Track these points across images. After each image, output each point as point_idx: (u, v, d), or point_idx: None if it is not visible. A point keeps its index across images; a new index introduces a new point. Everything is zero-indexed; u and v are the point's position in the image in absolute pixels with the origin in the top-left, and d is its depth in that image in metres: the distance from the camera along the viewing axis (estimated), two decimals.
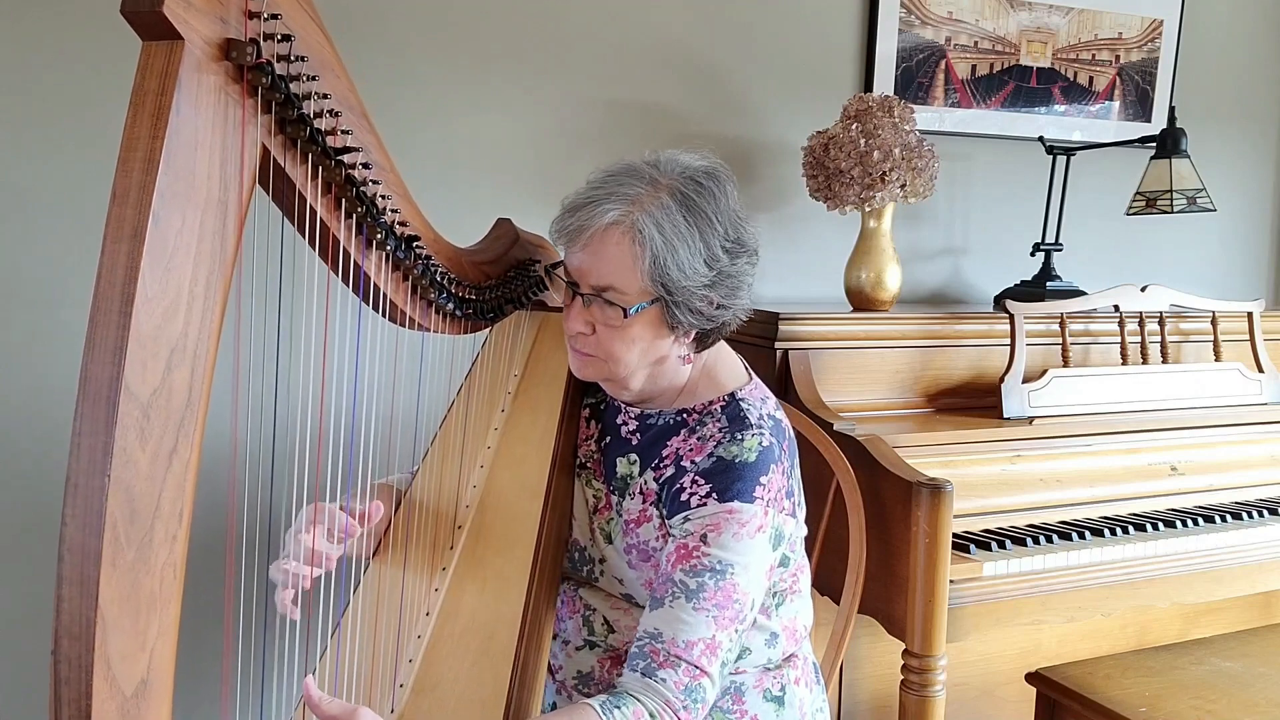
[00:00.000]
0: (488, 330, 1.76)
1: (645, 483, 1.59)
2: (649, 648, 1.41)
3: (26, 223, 2.21)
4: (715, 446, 1.52)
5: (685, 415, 1.61)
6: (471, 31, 2.52)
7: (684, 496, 1.50)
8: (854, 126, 2.49)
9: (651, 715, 1.36)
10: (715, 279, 1.50)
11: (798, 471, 1.63)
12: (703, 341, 1.59)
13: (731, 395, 1.60)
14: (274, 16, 1.00)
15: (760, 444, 1.52)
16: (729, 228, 1.51)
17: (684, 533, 1.48)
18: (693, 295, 1.48)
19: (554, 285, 1.73)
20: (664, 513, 1.55)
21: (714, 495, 1.48)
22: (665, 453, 1.58)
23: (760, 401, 1.60)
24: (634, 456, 1.62)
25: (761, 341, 2.40)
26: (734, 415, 1.56)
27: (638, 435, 1.64)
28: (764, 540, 1.49)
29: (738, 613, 1.44)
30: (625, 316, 1.48)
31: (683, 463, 1.55)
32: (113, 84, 2.21)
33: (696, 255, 1.47)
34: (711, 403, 1.59)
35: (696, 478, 1.51)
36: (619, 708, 1.34)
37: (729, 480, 1.49)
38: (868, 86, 2.94)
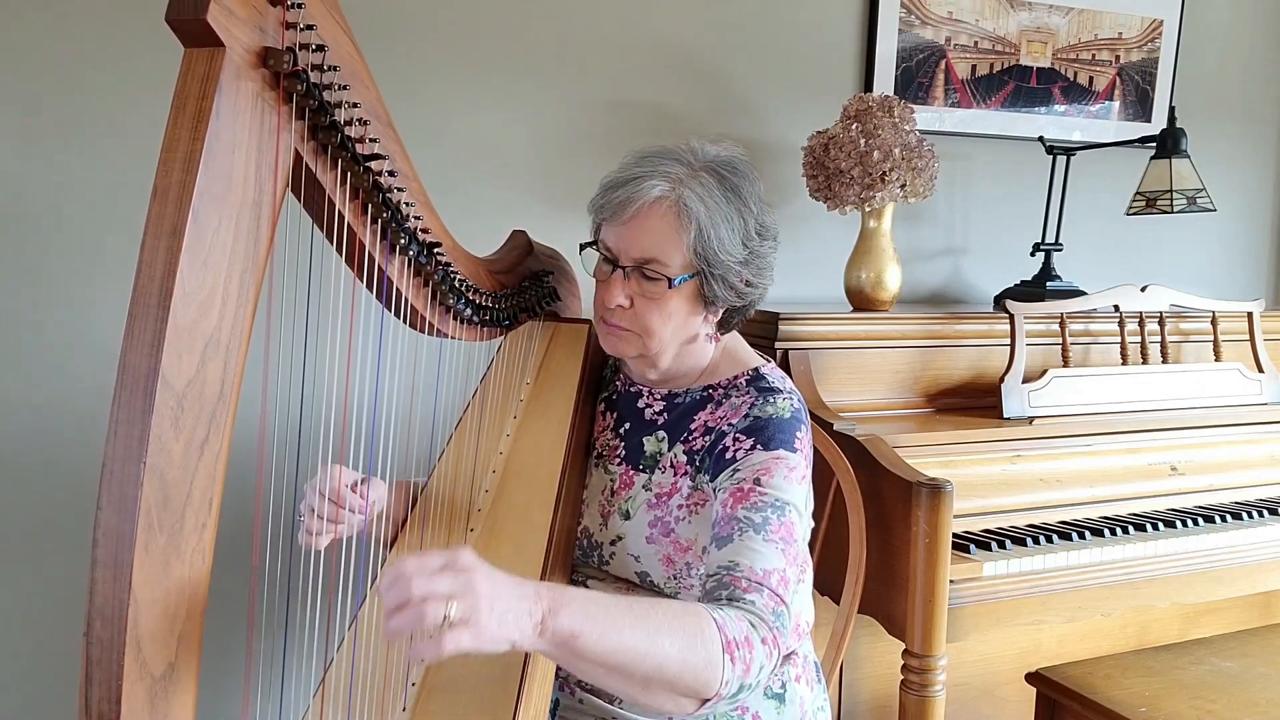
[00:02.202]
0: (502, 337, 1.79)
1: (675, 455, 1.64)
2: (728, 577, 1.39)
3: (39, 225, 2.22)
4: (750, 409, 1.59)
5: (711, 390, 1.68)
6: (472, 33, 2.53)
7: (729, 455, 1.55)
8: (854, 126, 2.50)
9: (752, 625, 1.31)
10: (748, 257, 1.59)
11: None
12: (727, 323, 1.68)
13: (755, 370, 1.67)
14: (309, 27, 1.03)
15: (792, 405, 1.60)
16: (759, 211, 1.60)
17: (736, 481, 1.51)
18: (730, 270, 1.56)
19: (585, 266, 1.74)
20: (702, 479, 1.60)
21: (759, 446, 1.53)
22: (694, 426, 1.64)
23: (781, 377, 1.68)
24: (662, 434, 1.68)
25: (761, 341, 2.40)
26: (761, 386, 1.64)
27: (665, 415, 1.70)
28: (806, 489, 1.56)
29: (797, 552, 1.46)
30: (670, 287, 1.55)
31: (720, 428, 1.60)
32: (121, 85, 2.24)
33: (735, 232, 1.55)
34: (736, 377, 1.67)
35: (738, 435, 1.56)
36: (721, 608, 1.31)
37: (771, 432, 1.55)
38: (868, 86, 2.95)
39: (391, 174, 1.26)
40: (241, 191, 0.95)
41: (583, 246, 1.69)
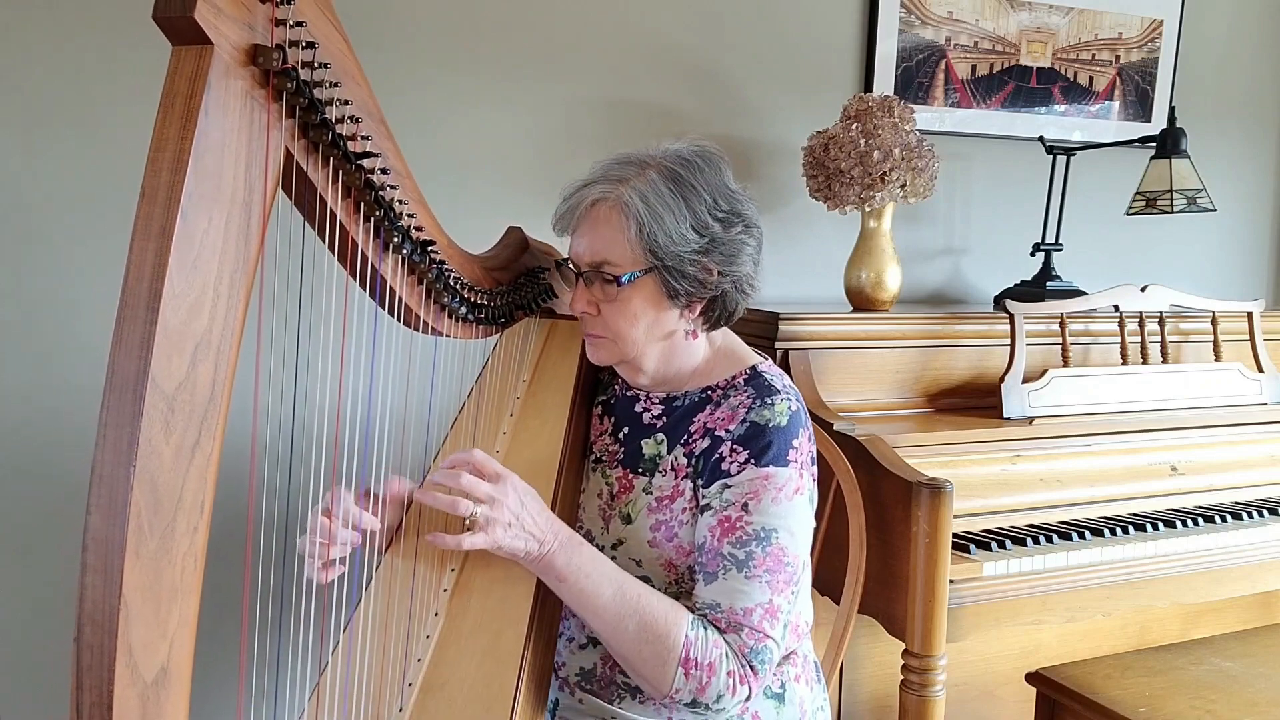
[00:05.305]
0: (498, 335, 1.79)
1: (675, 459, 1.62)
2: (710, 617, 1.48)
3: (28, 225, 2.22)
4: (747, 413, 1.57)
5: (709, 392, 1.66)
6: (471, 32, 2.53)
7: (724, 465, 1.55)
8: (854, 126, 2.50)
9: (726, 656, 1.44)
10: (708, 245, 1.55)
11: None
12: (709, 316, 1.64)
13: (753, 368, 1.66)
14: (299, 24, 1.02)
15: (789, 408, 1.58)
16: (719, 198, 1.57)
17: (724, 503, 1.52)
18: (685, 261, 1.54)
19: (565, 280, 1.75)
20: (699, 483, 1.58)
21: (751, 460, 1.53)
22: (693, 428, 1.63)
23: (779, 374, 1.67)
24: (661, 436, 1.66)
25: (761, 341, 2.40)
26: (759, 385, 1.62)
27: (663, 418, 1.68)
28: (803, 501, 1.55)
29: (790, 575, 1.50)
30: (619, 285, 1.54)
31: (717, 432, 1.59)
32: (111, 83, 2.23)
33: (683, 221, 1.53)
34: (734, 377, 1.65)
35: (734, 445, 1.56)
36: (705, 629, 1.45)
37: (764, 444, 1.54)
38: (868, 86, 2.95)
39: (384, 172, 1.25)
40: (231, 191, 0.94)
41: (559, 263, 1.71)
